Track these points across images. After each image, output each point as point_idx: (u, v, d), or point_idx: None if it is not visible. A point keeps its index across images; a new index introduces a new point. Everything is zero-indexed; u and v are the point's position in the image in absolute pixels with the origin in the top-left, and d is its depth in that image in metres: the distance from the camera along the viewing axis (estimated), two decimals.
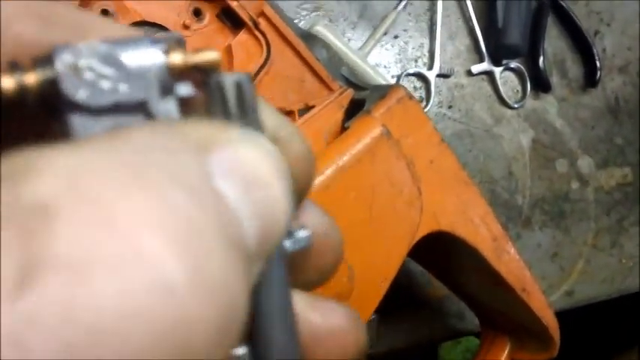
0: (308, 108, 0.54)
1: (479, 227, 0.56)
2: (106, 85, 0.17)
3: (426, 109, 0.76)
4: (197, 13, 0.53)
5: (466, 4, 0.79)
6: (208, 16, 0.53)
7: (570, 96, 0.86)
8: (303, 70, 0.56)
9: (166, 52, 0.18)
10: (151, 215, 0.12)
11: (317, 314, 0.22)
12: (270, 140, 0.18)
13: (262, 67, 0.54)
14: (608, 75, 0.88)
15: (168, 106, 0.18)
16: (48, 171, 0.12)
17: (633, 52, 0.90)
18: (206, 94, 0.19)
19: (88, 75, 0.16)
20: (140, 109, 0.17)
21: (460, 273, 0.64)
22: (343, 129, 0.53)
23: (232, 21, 0.54)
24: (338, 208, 0.48)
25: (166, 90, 0.18)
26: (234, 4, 0.52)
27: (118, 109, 0.17)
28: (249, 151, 0.16)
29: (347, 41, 0.73)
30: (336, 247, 0.23)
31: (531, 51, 0.82)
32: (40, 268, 0.11)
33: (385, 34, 0.75)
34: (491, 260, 0.57)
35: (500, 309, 0.65)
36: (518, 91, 0.83)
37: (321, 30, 0.69)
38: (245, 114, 0.19)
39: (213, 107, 0.19)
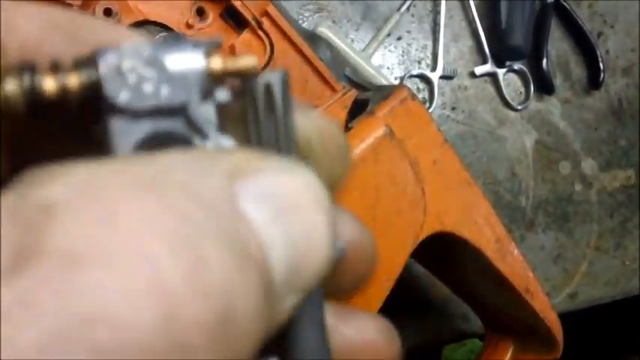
0: None
1: (482, 228, 0.56)
2: (148, 87, 0.16)
3: (429, 111, 0.76)
4: (200, 13, 0.53)
5: (469, 6, 0.79)
6: (211, 15, 0.53)
7: (574, 98, 0.86)
8: (307, 70, 0.56)
9: (207, 56, 0.17)
10: (156, 219, 0.12)
11: (350, 327, 0.21)
12: (304, 144, 0.17)
13: (265, 66, 0.54)
14: (611, 77, 0.88)
15: (208, 111, 0.17)
16: (62, 179, 0.13)
17: (637, 54, 0.90)
18: (241, 101, 0.18)
19: (131, 77, 0.16)
20: (180, 112, 0.17)
21: (463, 274, 0.63)
22: (347, 129, 0.53)
23: (236, 20, 0.54)
24: (341, 207, 0.48)
25: (206, 94, 0.17)
26: (237, 4, 0.53)
27: (159, 112, 0.17)
28: (286, 178, 0.15)
29: (350, 42, 0.73)
30: (370, 257, 0.23)
31: (535, 53, 0.81)
32: (35, 254, 0.11)
33: (388, 35, 0.75)
34: (495, 261, 0.57)
35: (503, 310, 0.64)
36: (521, 92, 0.83)
37: (325, 31, 0.69)
38: (277, 117, 0.18)
39: (248, 113, 0.18)
